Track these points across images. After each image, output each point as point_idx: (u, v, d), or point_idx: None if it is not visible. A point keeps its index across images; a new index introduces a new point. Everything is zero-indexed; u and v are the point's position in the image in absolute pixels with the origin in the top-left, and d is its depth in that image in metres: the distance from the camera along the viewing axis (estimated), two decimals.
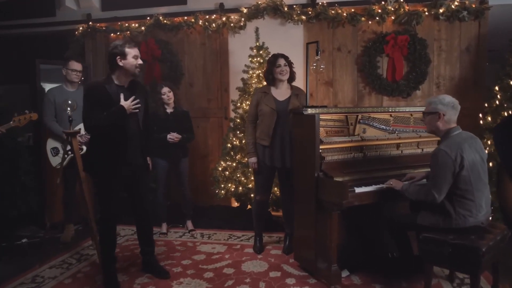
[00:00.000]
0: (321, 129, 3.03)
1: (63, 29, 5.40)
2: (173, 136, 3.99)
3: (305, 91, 3.40)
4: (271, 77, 3.53)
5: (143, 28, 5.07)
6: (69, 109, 3.44)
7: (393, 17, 4.53)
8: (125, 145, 2.93)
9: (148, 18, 5.05)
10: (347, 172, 2.95)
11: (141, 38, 5.10)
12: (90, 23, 5.24)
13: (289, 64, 3.50)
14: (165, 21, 4.99)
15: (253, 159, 3.57)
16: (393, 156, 3.24)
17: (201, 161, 5.12)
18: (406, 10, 4.45)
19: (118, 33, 5.18)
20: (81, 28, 5.27)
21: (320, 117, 3.00)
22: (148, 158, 3.23)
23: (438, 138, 2.77)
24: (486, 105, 4.14)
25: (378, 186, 2.88)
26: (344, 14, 4.58)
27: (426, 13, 4.45)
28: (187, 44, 5.10)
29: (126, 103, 2.86)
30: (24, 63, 4.84)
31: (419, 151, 3.36)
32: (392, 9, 4.47)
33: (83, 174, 3.42)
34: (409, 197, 2.71)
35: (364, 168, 3.05)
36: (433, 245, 2.50)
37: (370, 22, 4.61)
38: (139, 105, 2.93)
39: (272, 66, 3.51)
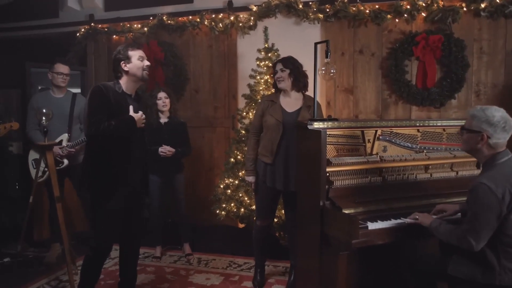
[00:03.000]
0: (331, 147, 2.50)
1: (65, 31, 5.09)
2: (165, 150, 3.55)
3: (316, 101, 2.88)
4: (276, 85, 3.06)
5: (146, 29, 4.67)
6: (44, 118, 3.05)
7: (424, 14, 3.90)
8: (127, 162, 2.57)
9: (151, 18, 4.64)
10: (360, 201, 2.38)
11: (144, 39, 4.70)
12: (92, 24, 4.90)
13: (294, 69, 2.97)
14: (169, 21, 4.57)
15: (250, 178, 3.07)
16: (420, 181, 2.64)
17: (205, 175, 4.65)
18: (440, 5, 3.82)
19: (120, 35, 4.81)
20: (82, 30, 4.93)
21: (330, 133, 2.46)
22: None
23: None
24: None
25: (398, 221, 2.29)
26: (367, 11, 4.00)
27: (465, 9, 3.80)
28: (193, 46, 4.65)
29: (137, 115, 2.53)
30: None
31: (453, 174, 2.74)
32: (424, 4, 3.86)
33: (58, 192, 3.03)
34: (439, 238, 2.13)
35: (382, 196, 2.47)
36: None
37: (397, 20, 4.00)
38: (145, 120, 2.62)
39: (274, 73, 3.04)
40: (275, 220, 3.53)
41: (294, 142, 2.89)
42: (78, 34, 4.95)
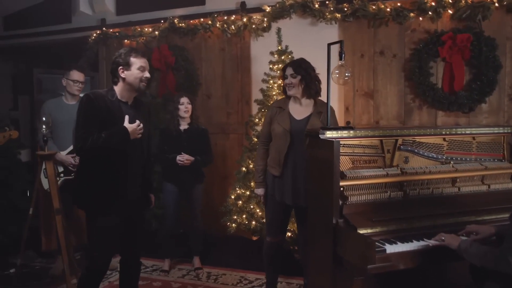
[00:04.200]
0: (346, 158, 2.26)
1: (77, 36, 5.02)
2: (183, 158, 3.38)
3: (331, 107, 2.66)
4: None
5: (157, 32, 4.53)
6: (44, 126, 2.92)
7: (451, 12, 3.60)
8: (124, 175, 2.38)
9: (162, 21, 4.50)
10: (378, 219, 2.13)
11: (155, 43, 4.57)
12: (104, 28, 4.80)
13: (306, 75, 2.74)
14: (180, 24, 4.41)
15: (259, 191, 2.86)
16: (446, 196, 2.36)
17: (218, 184, 4.46)
18: (469, 1, 3.52)
19: (131, 39, 4.69)
20: (94, 35, 4.84)
21: (344, 142, 2.23)
22: (151, 195, 2.68)
23: None
24: None
25: (421, 243, 2.02)
26: (388, 9, 3.73)
27: (496, 5, 3.47)
28: (205, 50, 4.48)
29: (132, 126, 2.33)
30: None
31: (484, 188, 2.45)
32: (450, 1, 3.56)
33: (57, 203, 2.90)
34: (469, 260, 1.86)
35: (403, 213, 2.20)
36: None
37: (421, 19, 3.72)
38: (142, 130, 2.39)
39: (283, 78, 2.81)
40: (288, 234, 3.30)
41: (303, 153, 2.67)
42: (90, 39, 4.86)
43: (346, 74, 2.41)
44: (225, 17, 4.25)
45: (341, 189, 2.19)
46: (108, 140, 2.28)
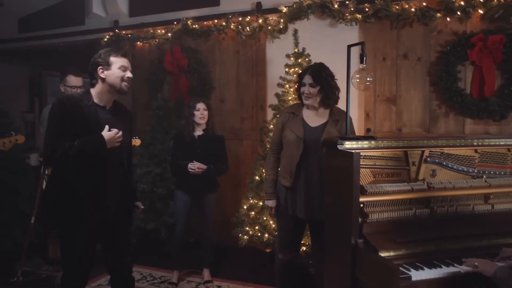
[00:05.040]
0: (366, 171, 2.06)
1: (91, 38, 4.93)
2: (194, 166, 3.21)
3: (349, 115, 2.45)
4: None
5: (169, 34, 4.40)
6: (42, 129, 2.80)
7: (481, 12, 3.35)
8: (101, 187, 2.20)
9: (175, 23, 4.36)
10: (402, 241, 1.91)
11: (168, 46, 4.44)
12: (116, 30, 4.70)
13: (326, 86, 2.53)
14: (194, 26, 4.27)
15: (270, 202, 2.67)
16: (478, 215, 2.13)
17: (231, 192, 4.28)
18: (502, 0, 3.26)
19: (144, 41, 4.57)
20: (107, 37, 4.74)
21: (365, 153, 2.03)
22: (138, 203, 2.50)
23: None
24: None
25: (451, 269, 1.80)
26: (413, 9, 3.50)
27: None
28: (219, 52, 4.33)
29: (109, 134, 2.15)
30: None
31: None
32: (481, 0, 3.31)
33: None
34: None
35: (430, 234, 1.98)
36: None
37: (448, 20, 3.48)
38: (120, 138, 2.21)
39: (299, 84, 2.61)
40: (303, 248, 3.10)
41: (317, 163, 2.47)
42: (102, 41, 4.76)
43: (368, 79, 2.21)
44: (240, 18, 4.09)
45: (361, 205, 1.99)
46: (81, 149, 2.09)
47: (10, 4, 5.27)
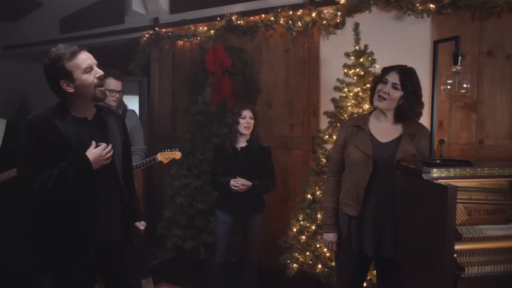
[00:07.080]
0: (459, 206, 1.57)
1: (131, 37, 4.66)
2: (237, 183, 2.81)
3: (426, 129, 1.97)
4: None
5: (212, 31, 4.01)
6: None
7: None
8: (94, 214, 1.85)
9: (218, 19, 3.97)
10: None
11: (210, 44, 4.05)
12: (156, 28, 4.38)
13: (413, 94, 2.03)
14: (239, 22, 3.85)
15: (330, 236, 2.20)
16: None
17: (278, 208, 3.83)
18: None
19: (184, 40, 4.21)
20: (146, 35, 4.43)
21: (458, 184, 1.54)
22: (140, 223, 2.17)
23: None
24: None
25: None
26: None
27: None
28: (266, 51, 3.88)
29: (95, 153, 1.77)
30: None
31: None
32: None
33: None
34: None
35: None
36: None
37: None
38: (110, 153, 1.83)
39: (377, 80, 2.12)
40: (365, 284, 2.60)
41: (390, 187, 1.97)
42: (141, 40, 4.47)
43: (464, 86, 1.70)
44: (290, 12, 3.60)
45: (454, 255, 1.49)
46: (62, 177, 1.72)
47: (50, 4, 5.11)
